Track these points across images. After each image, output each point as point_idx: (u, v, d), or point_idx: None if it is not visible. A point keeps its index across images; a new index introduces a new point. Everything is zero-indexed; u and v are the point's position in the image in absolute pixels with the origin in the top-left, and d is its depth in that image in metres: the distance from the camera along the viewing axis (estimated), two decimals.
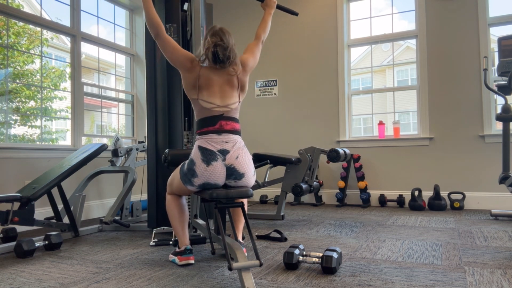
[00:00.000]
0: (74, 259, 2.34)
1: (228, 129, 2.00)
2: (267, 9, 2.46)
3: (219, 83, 2.03)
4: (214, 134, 1.98)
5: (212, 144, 1.95)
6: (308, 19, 5.05)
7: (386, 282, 1.80)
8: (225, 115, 2.02)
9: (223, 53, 1.99)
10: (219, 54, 1.98)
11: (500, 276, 1.85)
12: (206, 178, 1.94)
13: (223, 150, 1.94)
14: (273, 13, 2.59)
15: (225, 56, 2.00)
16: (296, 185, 3.47)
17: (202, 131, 2.01)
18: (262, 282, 1.83)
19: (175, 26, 3.14)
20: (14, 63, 4.19)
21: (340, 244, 2.60)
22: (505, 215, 3.44)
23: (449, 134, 4.31)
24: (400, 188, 4.50)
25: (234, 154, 1.96)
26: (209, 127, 1.99)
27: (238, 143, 2.00)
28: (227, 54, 2.00)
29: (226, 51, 2.00)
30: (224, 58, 2.00)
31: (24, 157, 3.43)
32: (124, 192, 3.15)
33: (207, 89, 2.01)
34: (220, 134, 1.98)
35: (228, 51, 2.00)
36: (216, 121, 2.00)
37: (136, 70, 4.94)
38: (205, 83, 2.01)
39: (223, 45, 1.99)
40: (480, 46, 4.18)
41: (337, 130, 4.84)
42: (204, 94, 2.01)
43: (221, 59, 2.00)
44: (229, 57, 2.01)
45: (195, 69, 2.03)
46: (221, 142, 1.95)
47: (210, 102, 2.00)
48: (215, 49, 1.98)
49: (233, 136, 2.00)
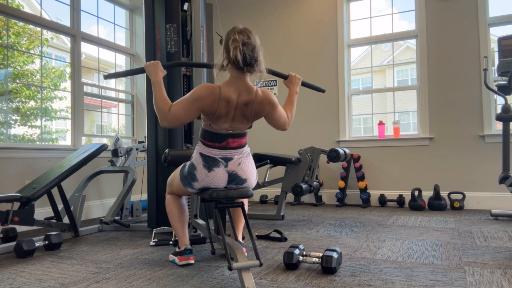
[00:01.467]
0: (74, 259, 2.34)
1: (234, 146, 1.93)
2: (292, 87, 2.20)
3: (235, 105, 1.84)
4: (218, 149, 1.91)
5: (214, 153, 1.91)
6: (308, 19, 5.05)
7: (386, 282, 1.80)
8: (234, 134, 1.92)
9: (251, 54, 1.79)
10: (247, 55, 1.77)
11: (500, 276, 1.85)
12: (207, 183, 1.92)
13: (226, 157, 1.92)
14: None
15: (253, 57, 1.80)
16: (296, 185, 3.47)
17: (206, 143, 1.92)
18: (262, 282, 1.83)
19: (175, 26, 3.14)
20: (14, 63, 4.20)
21: (340, 244, 2.60)
22: (505, 215, 3.44)
23: (449, 134, 4.31)
24: (400, 188, 4.50)
25: (237, 161, 1.93)
26: (215, 143, 1.91)
27: (242, 152, 1.97)
28: (255, 56, 1.81)
29: (254, 51, 1.81)
30: (251, 60, 1.79)
31: (24, 157, 3.43)
32: (124, 192, 3.15)
33: (224, 117, 1.85)
34: (224, 150, 1.91)
35: (255, 51, 1.81)
36: (223, 139, 1.90)
37: None
38: (225, 111, 1.83)
39: (251, 43, 1.80)
40: (480, 46, 4.18)
41: (337, 130, 4.84)
42: (220, 121, 1.86)
43: (249, 61, 1.78)
44: (256, 59, 1.82)
45: (215, 93, 1.81)
46: (224, 153, 1.92)
47: (221, 127, 1.89)
48: (243, 48, 1.77)
49: (237, 150, 1.95)
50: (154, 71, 1.96)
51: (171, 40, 3.12)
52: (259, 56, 1.83)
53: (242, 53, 1.77)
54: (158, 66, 1.97)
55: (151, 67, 1.97)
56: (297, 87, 2.22)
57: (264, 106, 1.92)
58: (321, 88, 2.49)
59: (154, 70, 1.96)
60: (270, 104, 1.93)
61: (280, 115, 2.02)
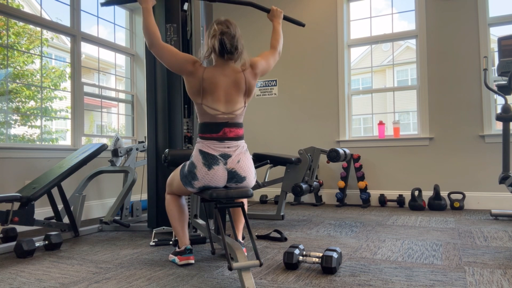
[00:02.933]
0: (74, 259, 2.34)
1: (232, 136, 1.96)
2: (275, 19, 2.38)
3: (225, 85, 1.95)
4: (216, 141, 1.94)
5: (214, 148, 1.93)
6: (308, 19, 5.05)
7: (386, 282, 1.80)
8: (229, 122, 1.96)
9: (231, 42, 1.90)
10: (226, 43, 1.89)
11: (500, 276, 1.85)
12: (207, 181, 1.93)
13: (225, 154, 1.93)
14: None
15: (233, 45, 1.91)
16: (296, 185, 3.47)
17: (204, 136, 1.96)
18: (262, 282, 1.83)
19: (175, 26, 3.14)
20: (14, 63, 4.20)
21: (340, 244, 2.60)
22: (505, 215, 3.44)
23: (449, 134, 4.31)
24: (400, 188, 4.50)
25: (236, 158, 1.94)
26: (212, 133, 1.94)
27: (240, 148, 1.98)
28: (234, 44, 1.91)
29: (233, 40, 1.91)
30: (231, 48, 1.91)
31: (24, 157, 3.43)
32: (124, 192, 3.15)
33: (211, 93, 1.93)
34: (222, 141, 1.94)
35: (235, 40, 1.92)
36: (219, 128, 1.94)
37: (136, 70, 4.94)
38: (210, 87, 1.93)
39: (230, 33, 1.91)
40: (480, 46, 4.18)
41: (337, 130, 4.84)
42: (208, 99, 1.94)
43: (229, 49, 1.90)
44: (236, 47, 1.93)
45: (198, 71, 1.94)
46: (223, 148, 1.94)
47: (214, 108, 1.94)
48: (222, 37, 1.89)
49: (235, 142, 1.97)
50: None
51: (171, 40, 3.12)
52: (239, 44, 1.95)
53: (220, 41, 1.90)
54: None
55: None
56: (280, 19, 2.40)
57: (257, 76, 2.06)
58: (301, 22, 2.63)
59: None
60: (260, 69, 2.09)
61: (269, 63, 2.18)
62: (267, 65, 2.16)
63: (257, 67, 2.06)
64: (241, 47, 1.96)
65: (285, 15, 2.49)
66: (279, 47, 2.29)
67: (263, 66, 2.11)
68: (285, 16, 2.48)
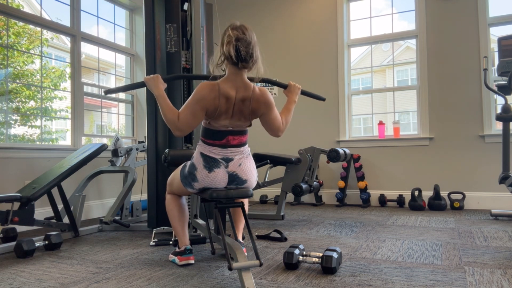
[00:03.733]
0: (74, 259, 2.34)
1: (235, 144, 1.93)
2: (291, 96, 2.20)
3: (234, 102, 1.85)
4: (219, 147, 1.91)
5: (216, 153, 1.91)
6: (308, 19, 5.05)
7: (386, 282, 1.80)
8: (234, 131, 1.92)
9: (246, 50, 1.78)
10: (240, 50, 1.76)
11: (500, 276, 1.85)
12: (207, 183, 1.92)
13: (227, 158, 1.92)
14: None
15: (248, 53, 1.79)
16: (296, 185, 3.47)
17: (206, 142, 1.93)
18: (262, 282, 1.83)
19: (175, 26, 3.14)
20: (14, 63, 4.20)
21: (340, 244, 2.60)
22: (505, 215, 3.44)
23: (449, 134, 4.31)
24: (400, 188, 4.50)
25: (237, 162, 1.93)
26: (215, 140, 1.91)
27: (243, 152, 1.96)
28: (249, 51, 1.79)
29: (249, 47, 1.79)
30: (246, 56, 1.79)
31: (24, 157, 3.43)
32: (124, 192, 3.15)
33: (225, 113, 1.85)
34: (225, 148, 1.91)
35: (251, 47, 1.80)
36: (223, 136, 1.90)
37: (136, 70, 4.94)
38: (225, 108, 1.83)
39: (246, 39, 1.80)
40: (480, 46, 4.18)
41: (337, 130, 4.84)
42: (220, 118, 1.87)
43: (243, 57, 1.78)
44: (252, 55, 1.81)
45: (215, 91, 1.81)
46: (225, 152, 1.92)
47: (220, 124, 1.89)
48: (237, 43, 1.77)
49: (238, 148, 1.95)
50: (155, 85, 1.98)
51: (171, 40, 3.12)
52: (254, 52, 1.83)
53: (235, 48, 1.77)
54: (159, 80, 1.99)
55: (152, 81, 1.98)
56: (296, 97, 2.22)
57: (260, 104, 1.91)
58: (321, 96, 2.49)
59: (155, 84, 1.98)
60: (266, 104, 1.93)
61: (276, 118, 2.02)
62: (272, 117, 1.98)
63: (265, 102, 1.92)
64: (256, 55, 1.84)
65: (303, 90, 2.31)
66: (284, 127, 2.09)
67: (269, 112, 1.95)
68: (303, 91, 2.30)
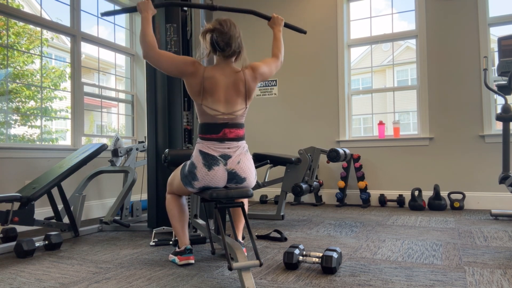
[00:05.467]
0: (74, 259, 2.34)
1: (232, 137, 1.96)
2: (276, 27, 2.35)
3: (225, 85, 1.94)
4: (216, 141, 1.94)
5: (214, 149, 1.93)
6: (308, 19, 5.05)
7: (386, 282, 1.80)
8: (229, 123, 1.95)
9: (222, 39, 1.89)
10: (218, 40, 1.89)
11: (500, 276, 1.85)
12: (207, 182, 1.93)
13: (225, 155, 1.93)
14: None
15: (225, 42, 1.90)
16: (296, 185, 3.47)
17: (204, 137, 1.96)
18: (262, 282, 1.83)
19: (175, 26, 3.14)
20: (14, 63, 4.20)
21: (340, 244, 2.60)
22: (505, 215, 3.44)
23: (449, 134, 4.31)
24: (400, 188, 4.50)
25: (236, 159, 1.94)
26: (212, 134, 1.94)
27: (241, 148, 1.98)
28: (226, 40, 1.90)
29: (225, 36, 1.90)
30: (224, 46, 1.90)
31: (24, 157, 3.43)
32: (124, 192, 3.15)
33: (211, 94, 1.92)
34: (222, 142, 1.94)
35: (227, 37, 1.90)
36: (219, 129, 1.94)
37: (136, 70, 4.94)
38: (210, 87, 1.92)
39: (222, 30, 1.90)
40: (480, 46, 4.18)
41: (337, 130, 4.84)
42: (208, 100, 1.93)
43: (221, 47, 1.90)
44: (229, 44, 1.91)
45: (198, 71, 1.93)
46: (223, 148, 1.94)
47: (214, 109, 1.93)
48: (212, 34, 1.90)
49: (236, 143, 1.97)
50: (145, 8, 2.07)
51: (171, 40, 3.12)
52: (233, 43, 1.93)
53: (212, 39, 1.91)
54: (149, 5, 2.08)
55: (143, 5, 2.08)
56: (281, 27, 2.37)
57: (257, 80, 2.04)
58: (303, 29, 2.60)
59: (145, 8, 2.07)
60: (261, 74, 2.07)
61: (271, 69, 2.17)
62: (268, 70, 2.13)
63: (257, 70, 2.04)
64: (236, 46, 1.94)
65: (286, 23, 2.46)
66: (281, 56, 2.27)
67: (263, 70, 2.09)
68: (286, 23, 2.45)
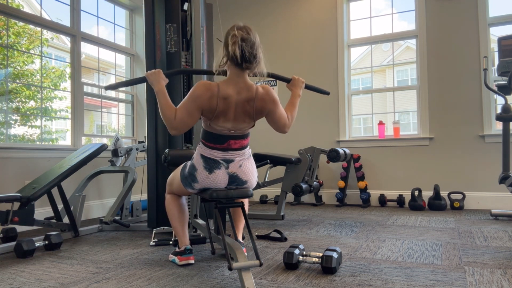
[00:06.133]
0: (74, 259, 2.34)
1: (236, 148, 1.92)
2: (295, 90, 2.17)
3: (235, 103, 1.83)
4: (220, 151, 1.90)
5: (215, 155, 1.90)
6: (308, 19, 5.05)
7: (386, 282, 1.80)
8: (235, 135, 1.91)
9: (250, 50, 1.77)
10: (245, 51, 1.75)
11: (500, 276, 1.85)
12: (207, 184, 1.92)
13: (227, 159, 1.91)
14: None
15: (252, 54, 1.78)
16: (296, 185, 3.47)
17: (207, 145, 1.91)
18: (262, 282, 1.83)
19: (175, 26, 3.14)
20: (14, 63, 4.19)
21: (340, 244, 2.60)
22: (505, 215, 3.44)
23: (449, 134, 4.31)
24: (400, 188, 4.50)
25: (238, 163, 1.92)
26: (216, 144, 1.90)
27: (244, 154, 1.96)
28: (254, 52, 1.79)
29: (253, 47, 1.79)
30: (250, 57, 1.78)
31: (24, 157, 3.43)
32: (124, 192, 3.15)
33: (224, 114, 1.83)
34: (226, 151, 1.90)
35: (255, 48, 1.79)
36: (225, 141, 1.89)
37: (136, 70, 4.94)
38: (224, 108, 1.81)
39: (251, 40, 1.78)
40: (480, 46, 4.18)
41: (337, 130, 4.84)
42: (220, 119, 1.84)
43: (247, 58, 1.77)
44: (255, 55, 1.80)
45: (213, 93, 1.79)
46: (225, 156, 1.91)
47: (222, 126, 1.87)
48: (242, 43, 1.75)
49: (239, 151, 1.94)
50: (157, 80, 1.95)
51: (171, 40, 3.12)
52: (258, 53, 1.81)
53: (241, 48, 1.76)
54: (160, 75, 1.97)
55: (153, 76, 1.96)
56: (300, 91, 2.19)
57: (266, 102, 1.90)
58: (325, 90, 2.48)
59: (157, 79, 1.95)
60: (271, 101, 1.92)
61: (281, 115, 2.00)
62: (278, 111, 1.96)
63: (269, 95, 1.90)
64: (260, 56, 1.83)
65: (307, 84, 2.31)
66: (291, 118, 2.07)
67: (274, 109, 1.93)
68: (307, 85, 2.29)
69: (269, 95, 1.92)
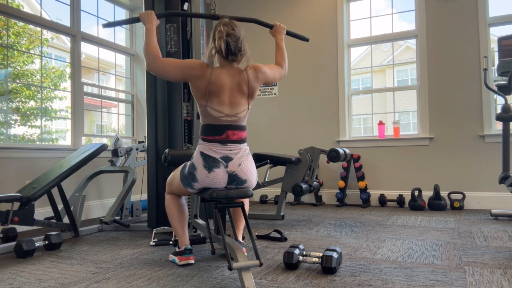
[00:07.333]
0: (74, 259, 2.34)
1: (234, 139, 1.95)
2: (278, 35, 2.34)
3: (229, 87, 1.93)
4: (219, 143, 1.93)
5: (215, 151, 1.92)
6: (308, 19, 5.05)
7: (386, 282, 1.80)
8: (233, 125, 1.95)
9: (235, 44, 1.92)
10: (230, 45, 1.91)
11: (500, 276, 1.85)
12: (207, 183, 1.93)
13: (226, 157, 1.92)
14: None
15: (237, 47, 1.93)
16: (296, 185, 3.47)
17: (206, 139, 1.95)
18: (262, 282, 1.83)
19: (175, 26, 3.14)
20: (14, 63, 4.19)
21: (340, 244, 2.60)
22: (505, 215, 3.44)
23: (449, 134, 4.31)
24: (400, 188, 4.50)
25: (237, 161, 1.93)
26: (215, 136, 1.94)
27: (243, 151, 1.97)
28: (238, 46, 1.93)
29: (238, 42, 1.93)
30: (235, 50, 1.93)
31: (24, 157, 3.43)
32: (124, 192, 3.15)
33: (217, 96, 1.92)
34: (225, 144, 1.93)
35: (239, 42, 1.94)
36: (223, 131, 1.93)
37: (136, 70, 4.94)
38: (216, 89, 1.91)
39: (235, 35, 1.93)
40: (480, 46, 4.18)
41: (337, 130, 4.84)
42: (214, 102, 1.92)
43: (233, 51, 1.92)
44: (240, 49, 1.94)
45: (205, 73, 1.92)
46: (224, 150, 1.93)
47: (219, 110, 1.93)
48: (227, 38, 1.90)
49: (238, 145, 1.96)
50: (148, 20, 2.06)
51: (171, 40, 3.13)
52: (243, 47, 1.96)
53: (226, 43, 1.91)
54: (152, 16, 2.09)
55: (146, 16, 2.08)
56: (283, 35, 2.36)
57: (259, 80, 2.04)
58: (305, 36, 2.61)
59: (148, 19, 2.07)
60: (263, 74, 2.06)
61: (274, 74, 2.16)
62: (271, 73, 2.12)
63: (259, 70, 2.04)
64: (245, 49, 1.97)
65: (288, 30, 2.44)
66: (285, 66, 2.26)
67: (266, 72, 2.08)
68: (288, 31, 2.44)
69: (257, 70, 2.03)
